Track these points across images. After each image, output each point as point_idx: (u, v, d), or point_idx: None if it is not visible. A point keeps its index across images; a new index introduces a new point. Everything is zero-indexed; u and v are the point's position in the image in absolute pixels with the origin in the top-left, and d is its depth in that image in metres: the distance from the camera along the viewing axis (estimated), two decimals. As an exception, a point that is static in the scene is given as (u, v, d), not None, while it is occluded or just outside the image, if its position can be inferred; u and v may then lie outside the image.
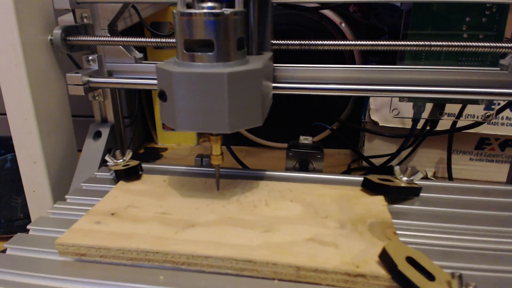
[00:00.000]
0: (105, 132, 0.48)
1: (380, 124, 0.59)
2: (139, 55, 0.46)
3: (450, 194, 0.37)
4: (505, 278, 0.26)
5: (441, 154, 0.60)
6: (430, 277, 0.24)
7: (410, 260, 0.25)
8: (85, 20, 0.44)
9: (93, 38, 0.43)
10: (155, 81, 0.44)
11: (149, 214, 0.33)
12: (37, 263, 0.29)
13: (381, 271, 0.25)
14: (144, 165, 0.42)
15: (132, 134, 0.70)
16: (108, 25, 0.44)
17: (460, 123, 0.53)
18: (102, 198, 0.35)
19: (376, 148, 0.63)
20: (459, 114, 0.50)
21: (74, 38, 0.42)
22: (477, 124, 0.51)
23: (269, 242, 0.28)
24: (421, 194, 0.37)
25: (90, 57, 0.45)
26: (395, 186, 0.36)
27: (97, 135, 0.48)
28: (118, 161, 0.41)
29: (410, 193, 0.37)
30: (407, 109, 0.54)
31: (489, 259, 0.28)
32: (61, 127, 0.47)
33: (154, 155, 0.76)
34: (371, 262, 0.26)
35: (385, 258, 0.25)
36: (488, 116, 0.52)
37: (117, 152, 0.42)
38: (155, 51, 0.70)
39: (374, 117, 0.59)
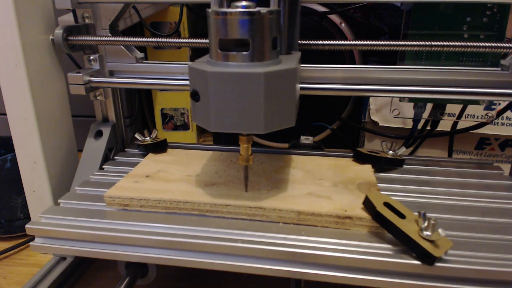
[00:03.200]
0: (106, 131, 0.48)
1: (380, 124, 0.59)
2: (140, 55, 0.46)
3: (430, 166, 0.44)
4: (463, 224, 0.33)
5: (441, 154, 0.60)
6: (402, 216, 0.30)
7: (387, 205, 0.31)
8: (86, 20, 0.44)
9: (94, 38, 0.42)
10: (156, 81, 0.44)
11: (177, 176, 0.39)
12: (89, 212, 0.35)
13: (364, 214, 0.32)
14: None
15: (132, 134, 0.70)
16: (109, 25, 0.44)
17: (461, 124, 0.53)
18: (134, 167, 0.42)
19: (376, 148, 0.63)
20: (460, 115, 0.50)
21: (76, 38, 0.42)
22: (480, 125, 0.51)
23: (276, 195, 0.35)
24: (404, 165, 0.44)
25: (92, 57, 0.45)
26: (382, 157, 0.42)
27: (98, 134, 0.48)
28: (146, 139, 0.47)
29: (395, 163, 0.43)
30: (408, 109, 0.54)
31: (454, 211, 0.35)
32: (61, 127, 0.47)
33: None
34: (357, 208, 0.33)
35: (367, 204, 0.32)
36: (490, 117, 0.52)
37: (145, 131, 0.48)
38: (155, 51, 0.70)
39: (374, 117, 0.59)
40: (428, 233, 0.28)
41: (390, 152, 0.43)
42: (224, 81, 0.28)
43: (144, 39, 0.42)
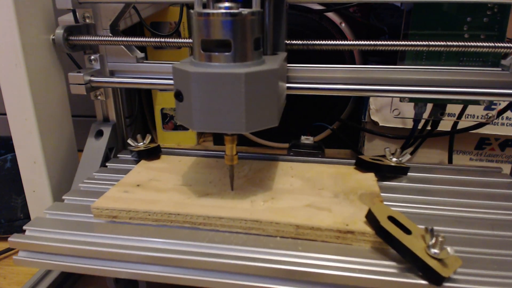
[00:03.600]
0: (107, 131, 0.48)
1: (380, 124, 0.59)
2: (140, 54, 0.46)
3: (435, 174, 0.42)
4: (472, 238, 0.31)
5: (441, 154, 0.60)
6: (407, 232, 0.28)
7: (391, 219, 0.29)
8: (87, 20, 0.44)
9: (95, 38, 0.42)
10: (156, 81, 0.44)
11: (169, 186, 0.37)
12: (75, 224, 0.34)
13: (367, 228, 0.30)
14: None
15: (132, 134, 0.70)
16: (110, 25, 0.44)
17: (461, 124, 0.53)
18: (126, 174, 0.40)
19: (376, 148, 0.63)
20: (460, 115, 0.50)
21: (76, 38, 0.42)
22: (480, 125, 0.51)
23: (273, 207, 0.33)
24: (409, 173, 0.42)
25: (92, 57, 0.45)
26: (385, 165, 0.41)
27: (99, 134, 0.48)
28: (139, 144, 0.46)
29: (398, 171, 0.41)
30: (408, 109, 0.54)
31: (463, 224, 0.33)
32: (61, 127, 0.47)
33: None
34: (359, 221, 0.31)
35: (370, 217, 0.30)
36: (490, 117, 0.52)
37: (138, 136, 0.46)
38: (155, 51, 0.70)
39: (374, 117, 0.59)
40: (436, 251, 0.26)
41: (394, 159, 0.42)
42: (206, 81, 0.29)
43: (144, 39, 0.42)
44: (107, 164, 0.45)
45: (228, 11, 0.28)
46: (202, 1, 0.31)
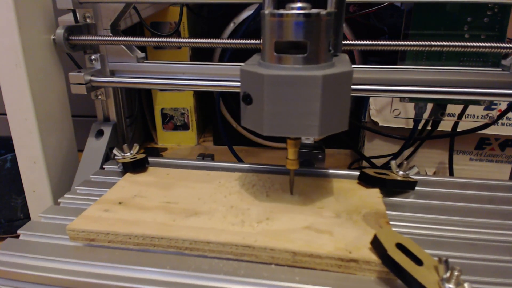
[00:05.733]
0: (107, 131, 0.48)
1: (380, 124, 0.59)
2: (141, 54, 0.46)
3: (445, 188, 0.38)
4: (491, 266, 0.28)
5: (441, 154, 0.60)
6: (418, 262, 0.25)
7: (400, 247, 0.26)
8: (87, 20, 0.44)
9: (96, 38, 0.42)
10: (156, 81, 0.44)
11: (155, 203, 0.34)
12: (49, 248, 0.31)
13: (373, 257, 0.27)
14: (149, 159, 0.43)
15: (132, 134, 0.70)
16: (110, 25, 0.44)
17: (462, 124, 0.53)
18: (109, 188, 0.37)
19: (376, 148, 0.63)
20: (460, 115, 0.50)
21: (77, 38, 0.42)
22: (485, 126, 0.51)
23: (268, 229, 0.30)
24: (416, 188, 0.38)
25: (93, 57, 0.45)
26: (391, 179, 0.37)
27: (99, 133, 0.48)
28: (125, 155, 0.43)
29: (405, 186, 0.38)
30: (408, 109, 0.54)
31: (478, 249, 0.29)
32: (61, 127, 0.47)
33: (154, 155, 0.75)
34: (364, 248, 0.27)
35: (376, 244, 0.27)
36: (491, 117, 0.52)
37: (125, 146, 0.43)
38: (155, 51, 0.70)
39: (375, 117, 0.59)
40: (451, 286, 0.23)
41: (400, 172, 0.38)
42: (280, 84, 0.27)
43: (145, 39, 0.42)
44: (91, 176, 0.42)
45: (304, 11, 0.27)
46: (272, 1, 0.30)
